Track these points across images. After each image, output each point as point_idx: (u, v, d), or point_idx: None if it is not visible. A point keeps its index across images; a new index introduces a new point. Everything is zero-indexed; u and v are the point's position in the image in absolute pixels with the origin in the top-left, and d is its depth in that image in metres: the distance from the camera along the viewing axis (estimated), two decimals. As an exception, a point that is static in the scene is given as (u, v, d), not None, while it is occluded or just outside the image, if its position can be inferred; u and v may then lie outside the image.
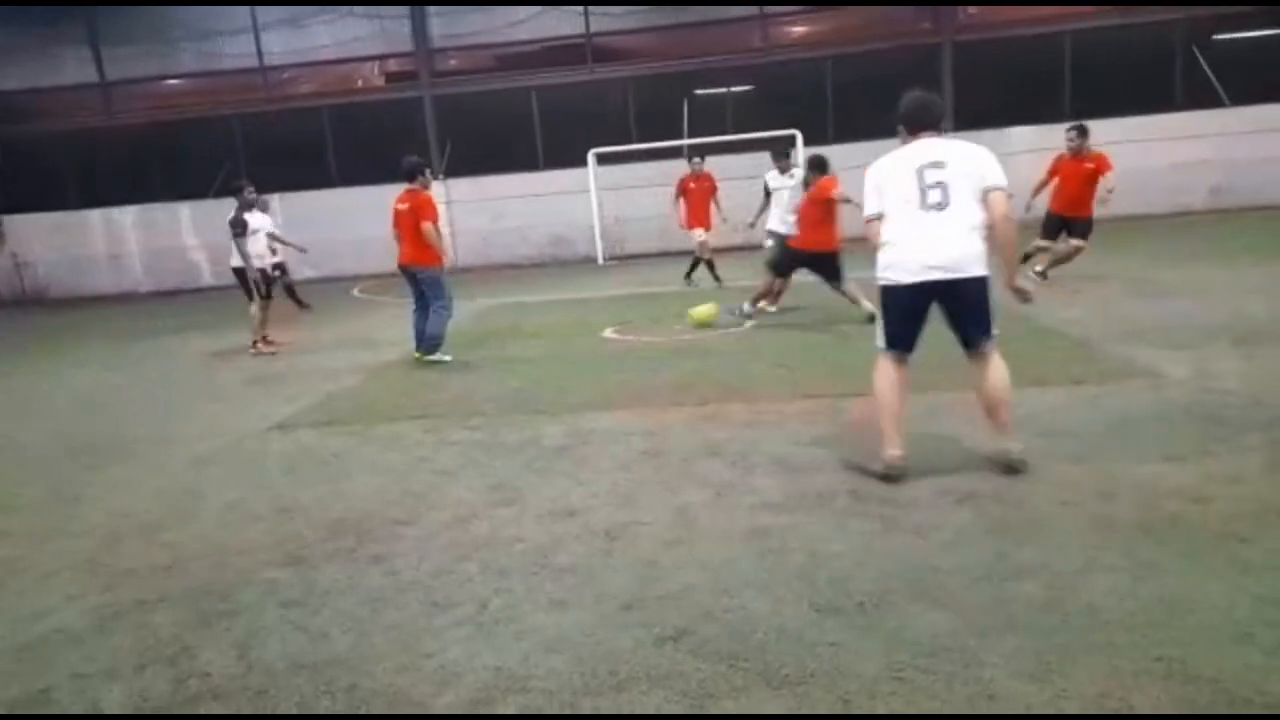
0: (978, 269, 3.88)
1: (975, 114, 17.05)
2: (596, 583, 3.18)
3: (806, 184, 8.67)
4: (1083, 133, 9.30)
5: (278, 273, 12.10)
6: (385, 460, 5.00)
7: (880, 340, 4.12)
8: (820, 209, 8.30)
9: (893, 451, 3.99)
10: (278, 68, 19.98)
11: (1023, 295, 4.14)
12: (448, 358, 7.87)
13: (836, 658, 2.57)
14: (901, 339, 4.05)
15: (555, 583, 3.21)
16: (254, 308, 9.27)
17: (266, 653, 2.86)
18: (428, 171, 8.21)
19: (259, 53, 19.72)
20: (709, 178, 12.90)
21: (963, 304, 3.95)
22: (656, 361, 7.24)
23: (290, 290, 13.12)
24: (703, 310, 8.73)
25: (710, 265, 12.62)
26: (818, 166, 8.65)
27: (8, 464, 5.71)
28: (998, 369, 4.02)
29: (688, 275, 12.95)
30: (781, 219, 9.97)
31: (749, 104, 19.24)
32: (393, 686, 2.61)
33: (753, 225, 11.31)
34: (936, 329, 4.07)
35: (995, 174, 3.91)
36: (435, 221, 7.94)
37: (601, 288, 13.54)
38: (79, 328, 14.04)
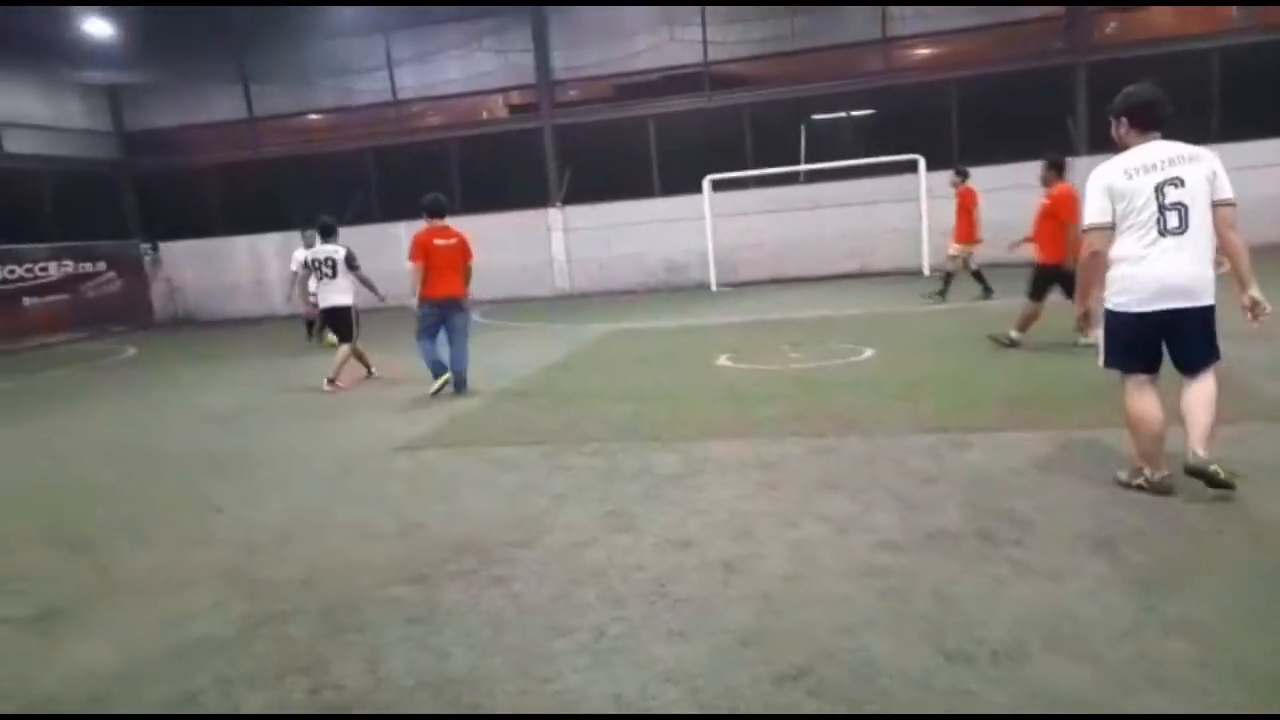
0: (1209, 298, 3.80)
1: (1110, 136, 16.24)
2: (714, 616, 3.15)
3: (1045, 184, 8.10)
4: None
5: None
6: (504, 483, 5.12)
7: (1102, 359, 4.07)
8: (1056, 222, 7.67)
9: (1160, 472, 3.90)
10: (408, 101, 20.99)
11: (1258, 311, 3.89)
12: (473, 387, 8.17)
13: (969, 708, 2.45)
14: (1137, 363, 3.97)
15: (673, 613, 3.20)
16: (347, 347, 9.25)
17: (394, 669, 2.95)
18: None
19: (392, 87, 20.77)
20: (961, 192, 12.28)
21: (1191, 332, 3.86)
22: (771, 390, 7.17)
23: (311, 324, 13.43)
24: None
25: (946, 279, 12.50)
26: (1056, 168, 8.07)
27: (154, 474, 6.13)
28: (1209, 383, 3.91)
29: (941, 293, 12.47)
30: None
31: (869, 128, 18.95)
32: (515, 709, 2.64)
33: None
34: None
35: (1226, 186, 3.81)
36: None
37: (715, 314, 13.54)
38: (222, 347, 15.01)
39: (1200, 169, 3.78)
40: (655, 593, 3.38)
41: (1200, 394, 3.87)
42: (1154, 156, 3.81)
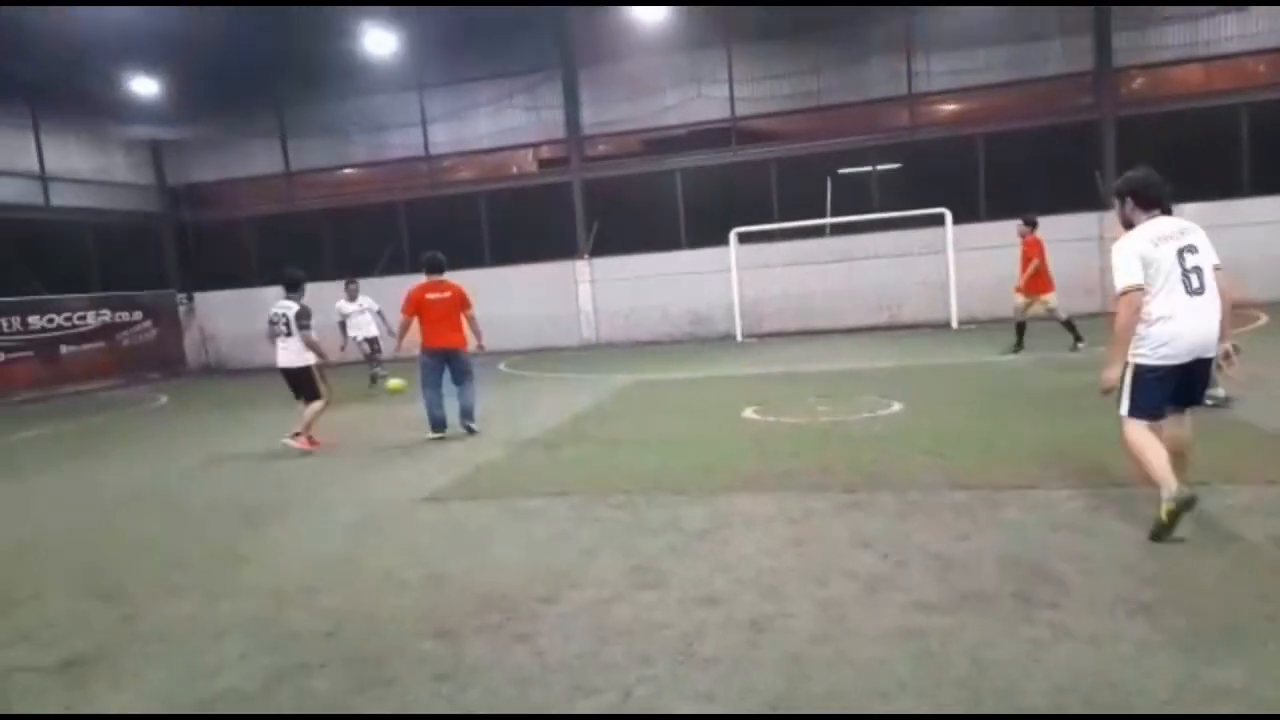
0: (1215, 349, 4.31)
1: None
2: (742, 677, 3.09)
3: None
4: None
5: (370, 348, 13.61)
6: (530, 535, 5.09)
7: (1128, 409, 4.34)
8: None
9: (1181, 487, 4.11)
10: (440, 156, 21.44)
11: (1230, 360, 4.45)
12: (478, 429, 8.69)
13: (1005, 779, 2.37)
14: (1160, 409, 4.34)
15: (700, 674, 3.14)
16: (319, 404, 8.73)
17: (417, 725, 2.92)
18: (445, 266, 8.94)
19: (425, 142, 21.24)
20: (1029, 242, 12.01)
21: (1199, 375, 4.38)
22: (799, 443, 7.11)
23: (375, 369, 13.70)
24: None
25: (1020, 329, 12.11)
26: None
27: (183, 522, 6.17)
28: (1189, 422, 4.47)
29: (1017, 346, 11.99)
30: None
31: (895, 182, 19.05)
32: (537, 771, 2.59)
33: None
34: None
35: (1214, 253, 4.32)
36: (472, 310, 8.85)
37: (741, 366, 13.51)
38: (250, 395, 15.18)
39: (1201, 238, 4.29)
40: (682, 652, 3.32)
41: (1190, 435, 4.45)
42: (1168, 229, 4.29)
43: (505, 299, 20.33)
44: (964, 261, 16.99)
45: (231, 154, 22.34)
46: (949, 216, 17.02)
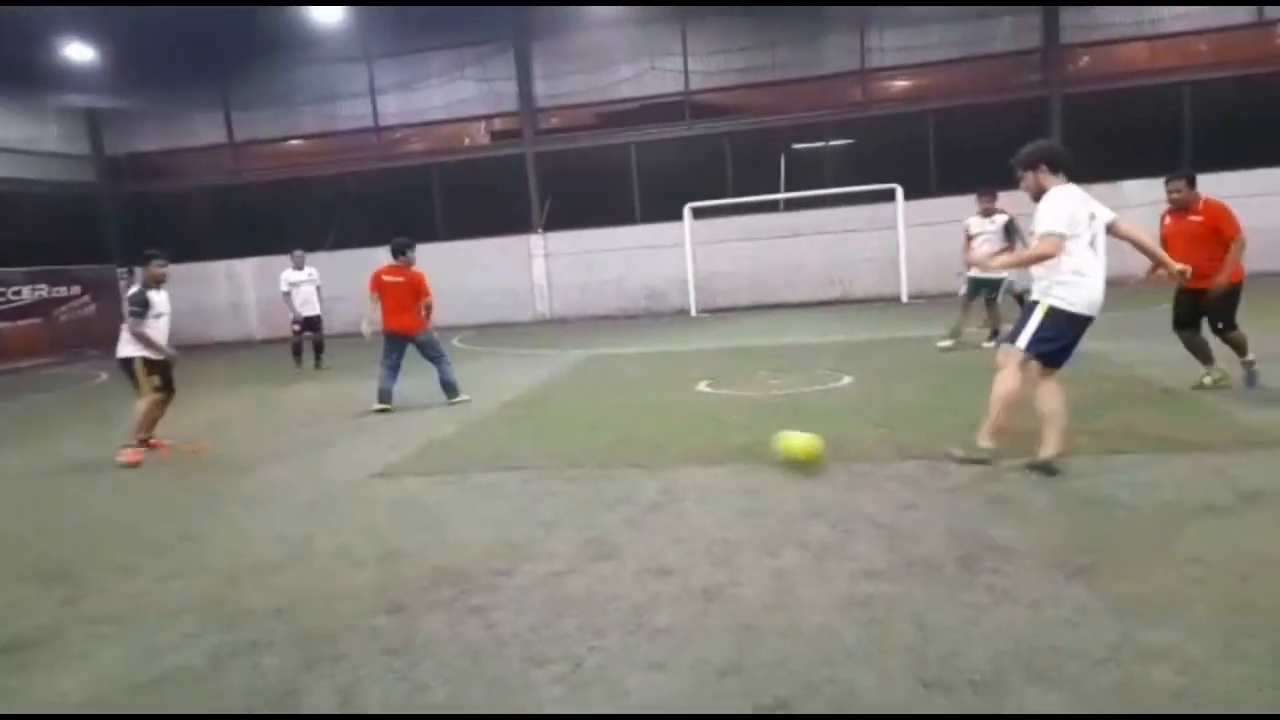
0: None
1: (1086, 167, 16.53)
2: (693, 646, 3.13)
3: (1183, 205, 6.66)
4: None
5: (307, 332, 13.13)
6: (484, 510, 5.08)
7: (1027, 342, 4.84)
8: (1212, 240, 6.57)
9: (994, 445, 5.06)
10: (390, 128, 21.05)
11: (1185, 274, 5.31)
12: (467, 396, 8.94)
13: (947, 739, 2.45)
14: (1058, 357, 4.88)
15: (651, 643, 3.17)
16: (141, 404, 7.41)
17: (368, 700, 2.91)
18: (411, 251, 9.03)
19: (374, 114, 20.82)
20: None
21: (1079, 337, 4.90)
22: (752, 417, 7.17)
23: (319, 348, 13.40)
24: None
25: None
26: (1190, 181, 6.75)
27: (129, 504, 6.04)
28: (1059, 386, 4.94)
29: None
30: (983, 265, 9.27)
31: (848, 158, 19.21)
32: (490, 742, 2.61)
33: (962, 275, 10.58)
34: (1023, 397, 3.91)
35: (1106, 209, 4.86)
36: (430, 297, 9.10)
37: (695, 341, 13.57)
38: (198, 373, 14.85)
39: (1096, 205, 4.80)
40: (634, 622, 3.36)
41: (1061, 398, 4.87)
42: (1081, 194, 4.78)
43: (459, 274, 20.11)
44: (914, 237, 17.23)
45: (175, 124, 21.71)
46: (900, 192, 17.22)
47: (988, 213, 10.02)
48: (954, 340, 10.16)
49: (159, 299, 7.51)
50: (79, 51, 19.38)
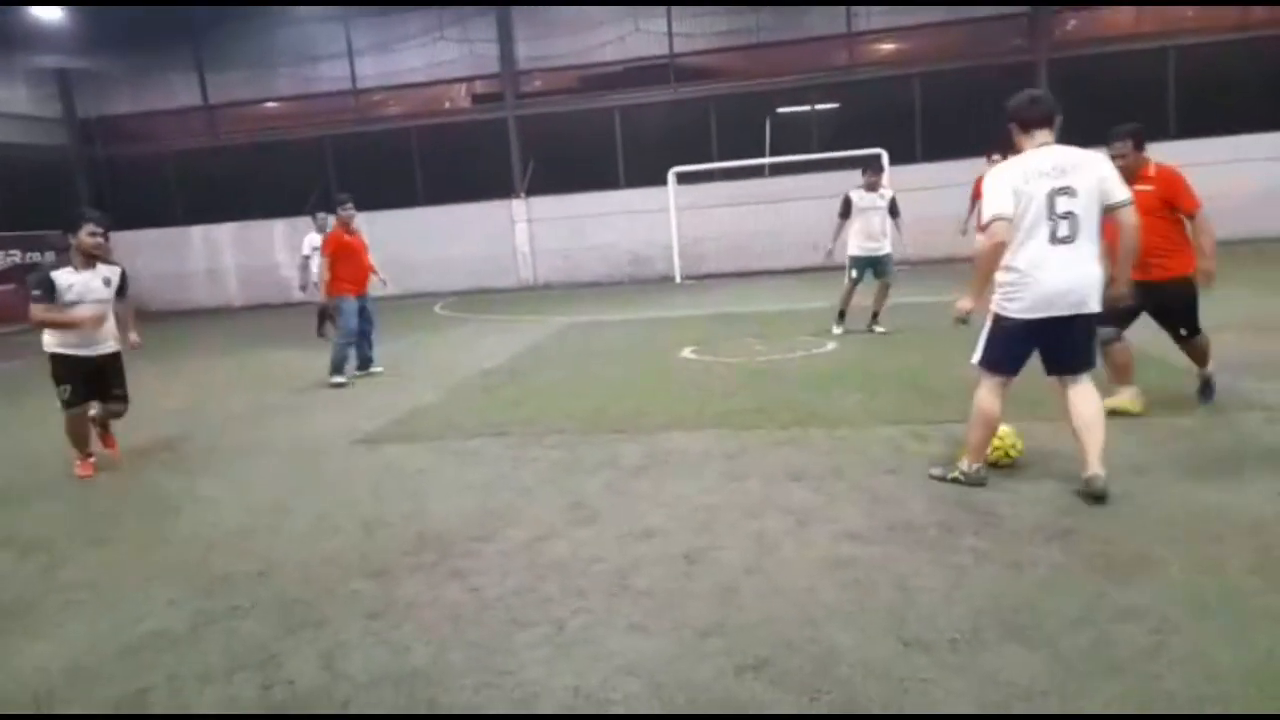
0: (1095, 304, 3.87)
1: (1071, 132, 16.49)
2: (675, 608, 3.14)
3: (1127, 172, 4.88)
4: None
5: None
6: (466, 476, 5.06)
7: (978, 357, 4.13)
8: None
9: (981, 465, 4.18)
10: (369, 90, 20.70)
11: (1122, 298, 4.21)
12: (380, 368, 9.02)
13: (926, 695, 2.47)
14: (1009, 366, 4.08)
15: (634, 606, 3.18)
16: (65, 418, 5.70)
17: (350, 663, 2.90)
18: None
19: (352, 76, 20.46)
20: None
21: (1073, 338, 3.95)
22: (735, 383, 7.18)
23: (324, 316, 12.61)
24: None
25: None
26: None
27: (112, 473, 5.97)
28: (1094, 395, 4.02)
29: None
30: (862, 243, 9.22)
31: (833, 122, 19.07)
32: (472, 704, 2.61)
33: (831, 252, 9.78)
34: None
35: (1116, 189, 3.84)
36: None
37: (679, 307, 13.54)
38: (178, 340, 14.69)
39: (1090, 176, 3.79)
40: (617, 585, 3.36)
41: (1095, 410, 3.96)
42: (1046, 164, 3.81)
43: (440, 240, 19.96)
44: (900, 202, 17.16)
45: (148, 86, 21.23)
46: (886, 157, 17.14)
47: (872, 186, 9.34)
48: (842, 326, 9.42)
49: (79, 280, 5.41)
50: (48, 11, 18.86)
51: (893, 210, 9.32)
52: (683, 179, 18.31)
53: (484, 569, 3.63)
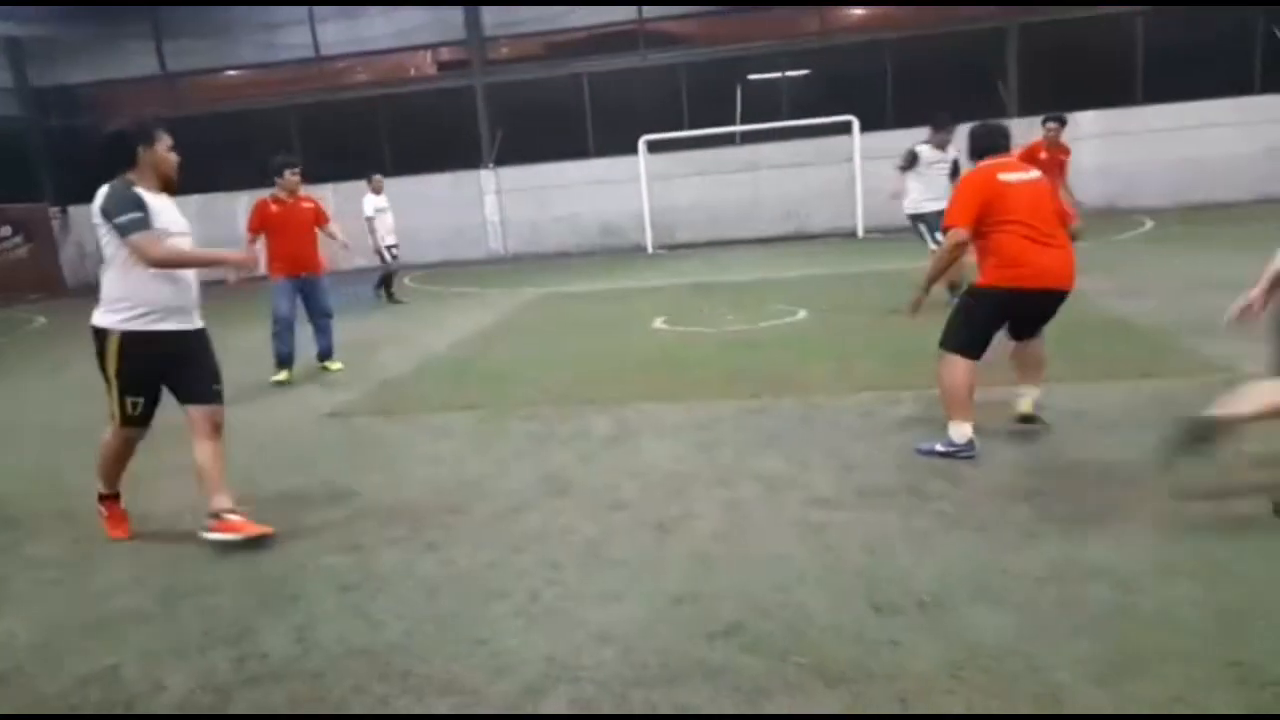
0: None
1: (1042, 98, 16.59)
2: (648, 576, 3.16)
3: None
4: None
5: (393, 257, 12.51)
6: (438, 449, 5.05)
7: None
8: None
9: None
10: (333, 58, 20.27)
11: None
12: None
13: (895, 656, 2.51)
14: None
15: (607, 574, 3.20)
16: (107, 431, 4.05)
17: (324, 637, 2.90)
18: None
19: (314, 43, 20.01)
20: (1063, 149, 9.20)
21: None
22: (707, 352, 7.20)
23: (386, 279, 12.80)
24: None
25: None
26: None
27: (72, 450, 5.86)
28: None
29: None
30: (919, 201, 8.91)
31: (805, 89, 18.99)
32: (447, 673, 2.62)
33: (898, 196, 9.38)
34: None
35: None
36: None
37: (651, 277, 13.50)
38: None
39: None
40: (590, 555, 3.38)
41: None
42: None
43: (409, 210, 19.58)
44: (871, 170, 17.19)
45: (104, 54, 20.60)
46: (856, 125, 17.13)
47: (942, 144, 9.50)
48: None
49: (161, 204, 3.85)
50: (-5, -25, 18.24)
51: (955, 171, 9.13)
52: (654, 147, 18.17)
53: (457, 541, 3.63)
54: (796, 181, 18.60)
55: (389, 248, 12.49)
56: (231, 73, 21.12)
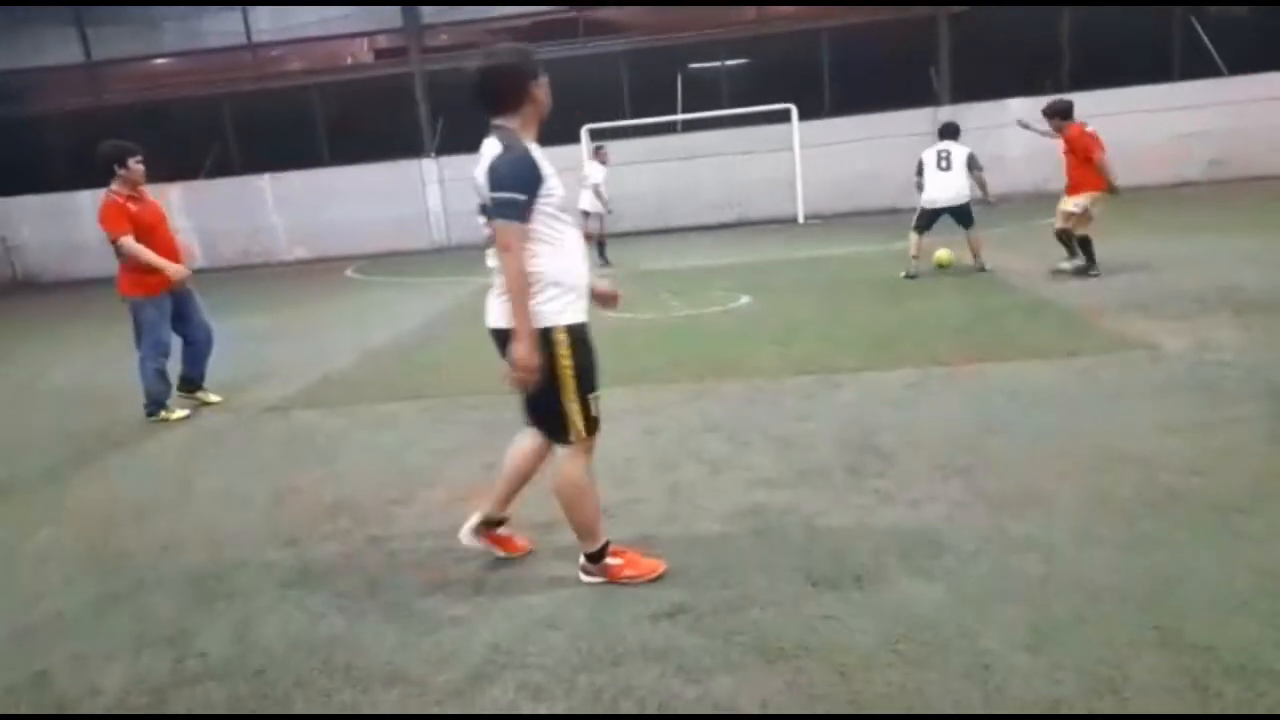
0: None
1: (972, 86, 16.94)
2: (594, 560, 3.17)
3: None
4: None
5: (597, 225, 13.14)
6: (381, 441, 4.99)
7: None
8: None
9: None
10: (265, 45, 19.77)
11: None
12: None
13: (833, 631, 2.57)
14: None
15: (553, 560, 3.22)
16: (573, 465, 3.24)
17: (264, 633, 2.86)
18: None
19: (246, 29, 19.48)
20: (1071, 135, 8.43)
21: None
22: (651, 339, 7.23)
23: (602, 244, 13.47)
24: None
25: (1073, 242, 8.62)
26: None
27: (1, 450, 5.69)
28: None
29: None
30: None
31: (744, 79, 19.11)
32: (390, 664, 2.61)
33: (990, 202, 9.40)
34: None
35: None
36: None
37: (593, 265, 13.47)
38: (70, 312, 13.98)
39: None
40: (535, 542, 3.38)
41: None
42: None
43: (348, 201, 19.36)
44: (810, 158, 17.39)
45: (21, 40, 19.76)
46: (795, 113, 17.30)
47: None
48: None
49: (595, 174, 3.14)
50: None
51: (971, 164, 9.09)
52: (595, 136, 18.10)
53: (401, 532, 3.61)
54: (737, 169, 18.72)
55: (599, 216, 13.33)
56: (160, 61, 20.43)
